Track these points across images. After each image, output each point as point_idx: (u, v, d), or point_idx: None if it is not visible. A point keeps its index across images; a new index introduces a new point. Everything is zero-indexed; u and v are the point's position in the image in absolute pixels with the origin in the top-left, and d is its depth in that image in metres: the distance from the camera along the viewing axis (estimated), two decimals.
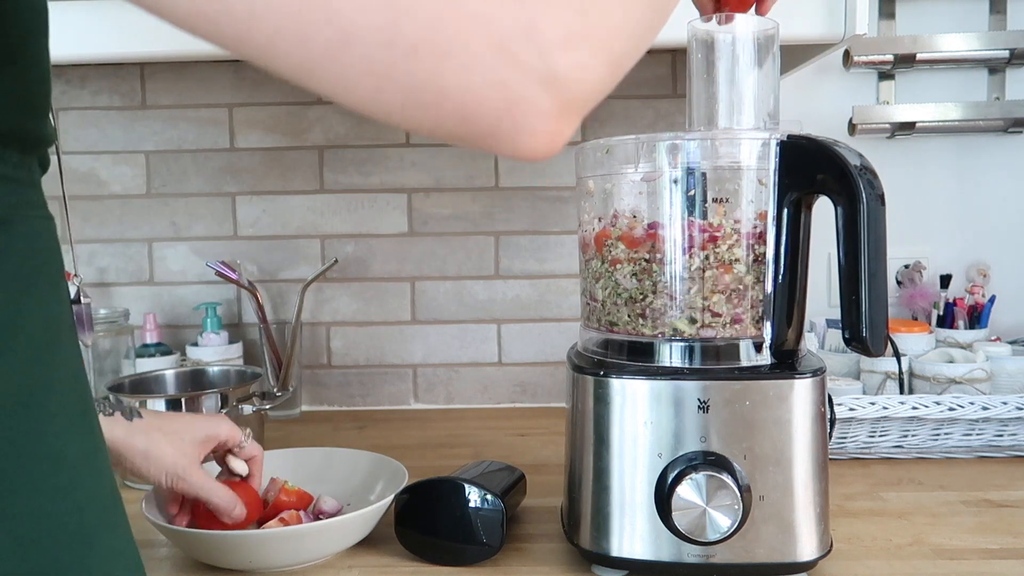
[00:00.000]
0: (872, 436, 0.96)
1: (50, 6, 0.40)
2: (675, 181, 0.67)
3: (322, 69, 0.30)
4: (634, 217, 0.69)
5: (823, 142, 0.63)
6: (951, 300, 1.19)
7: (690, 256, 0.67)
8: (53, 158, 0.44)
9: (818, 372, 0.66)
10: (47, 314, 0.39)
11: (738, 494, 0.62)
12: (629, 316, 0.69)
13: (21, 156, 0.39)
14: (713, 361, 0.67)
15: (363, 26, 0.29)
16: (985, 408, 0.93)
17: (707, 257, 0.67)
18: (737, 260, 0.67)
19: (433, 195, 1.27)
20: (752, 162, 0.67)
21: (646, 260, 0.68)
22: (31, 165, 0.40)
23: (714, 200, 0.67)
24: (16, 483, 0.35)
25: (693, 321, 0.67)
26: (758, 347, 0.67)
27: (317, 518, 0.77)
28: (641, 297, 0.68)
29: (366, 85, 0.30)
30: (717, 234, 0.67)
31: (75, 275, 0.44)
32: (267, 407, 1.01)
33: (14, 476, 0.35)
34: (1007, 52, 1.21)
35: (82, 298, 0.43)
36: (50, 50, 0.41)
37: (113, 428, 0.66)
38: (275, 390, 1.17)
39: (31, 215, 0.39)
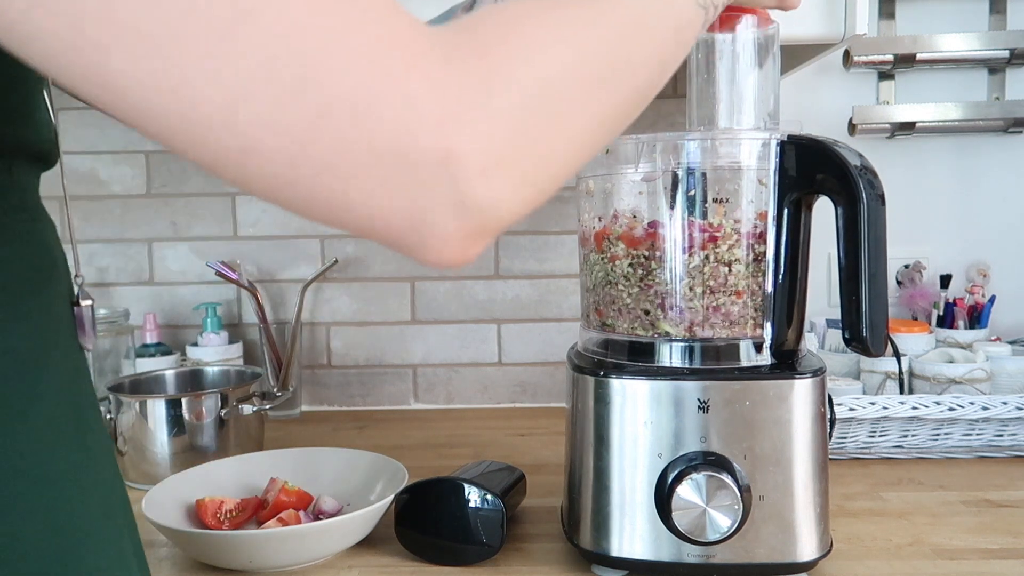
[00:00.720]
0: (872, 436, 0.96)
1: None
2: (675, 181, 0.67)
3: (223, 172, 0.29)
4: (634, 217, 0.69)
5: (823, 142, 0.63)
6: (951, 300, 1.19)
7: (690, 256, 0.67)
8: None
9: (818, 372, 0.66)
10: (36, 321, 0.37)
11: (738, 494, 0.62)
12: (628, 315, 0.69)
13: (13, 162, 0.37)
14: (713, 361, 0.67)
15: (268, 145, 0.28)
16: (985, 408, 0.93)
17: (707, 257, 0.67)
18: (737, 260, 0.67)
19: None
20: (752, 162, 0.67)
21: (645, 257, 0.68)
22: (11, 167, 0.38)
23: (714, 200, 0.67)
24: None
25: (681, 323, 0.67)
26: (758, 347, 0.67)
27: (317, 518, 0.77)
28: (639, 294, 0.68)
29: (271, 189, 0.29)
30: (717, 234, 0.67)
31: (76, 276, 0.43)
32: (267, 407, 1.01)
33: None
34: (1007, 52, 1.21)
35: (82, 301, 0.42)
36: None
37: None
38: (275, 390, 1.18)
39: (13, 219, 0.38)
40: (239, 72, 0.26)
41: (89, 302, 0.42)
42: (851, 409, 0.94)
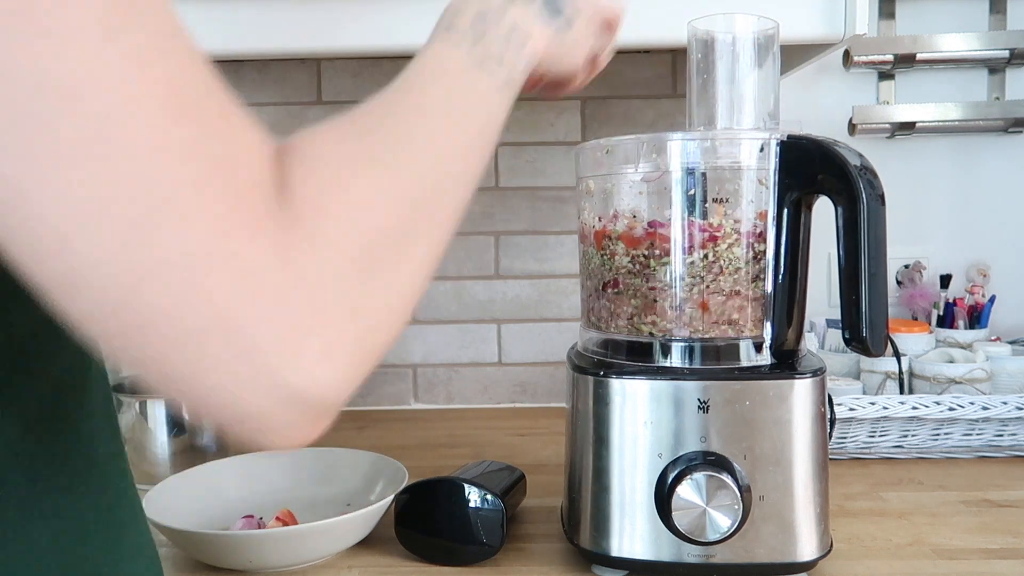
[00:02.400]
0: (872, 436, 0.96)
1: None
2: (675, 181, 0.67)
3: (54, 296, 0.27)
4: (634, 217, 0.69)
5: (823, 142, 0.63)
6: (951, 300, 1.19)
7: (689, 255, 0.67)
8: None
9: (818, 372, 0.66)
10: None
11: (738, 494, 0.62)
12: (627, 314, 0.69)
13: None
14: (713, 361, 0.67)
15: (96, 279, 0.26)
16: (985, 408, 0.93)
17: (706, 255, 0.67)
18: (737, 260, 0.67)
19: None
20: (752, 162, 0.67)
21: (644, 256, 0.68)
22: None
23: (714, 200, 0.67)
24: (53, 483, 0.36)
25: (681, 323, 0.67)
26: (758, 347, 0.67)
27: None
28: (639, 293, 0.68)
29: (94, 327, 0.27)
30: (717, 234, 0.67)
31: None
32: None
33: (52, 476, 0.36)
34: (1007, 52, 1.20)
35: None
36: None
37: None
38: None
39: None
40: (84, 195, 0.25)
41: None
42: (851, 409, 0.93)
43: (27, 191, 0.25)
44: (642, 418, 0.65)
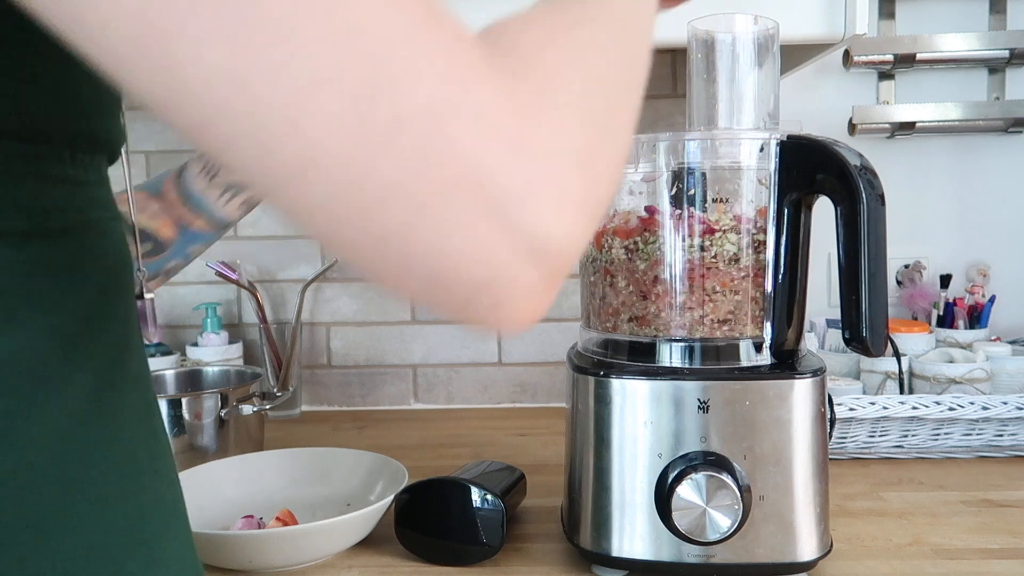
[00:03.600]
0: (872, 436, 0.96)
1: None
2: (675, 181, 0.67)
3: (280, 190, 0.26)
4: (629, 214, 0.69)
5: (823, 142, 0.63)
6: (951, 300, 1.19)
7: (689, 255, 0.67)
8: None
9: (818, 372, 0.66)
10: (123, 318, 0.39)
11: (738, 494, 0.62)
12: (626, 312, 0.69)
13: (91, 157, 0.38)
14: (713, 361, 0.67)
15: (332, 154, 0.25)
16: (985, 408, 0.93)
17: (703, 246, 0.67)
18: (737, 260, 0.67)
19: None
20: (752, 162, 0.67)
21: (636, 242, 0.68)
22: (99, 165, 0.39)
23: (714, 200, 0.67)
24: (85, 492, 0.35)
25: (680, 322, 0.67)
26: (758, 347, 0.67)
27: None
28: (636, 289, 0.68)
29: (325, 221, 0.26)
30: (715, 227, 0.67)
31: (138, 270, 0.44)
32: (267, 407, 1.01)
33: (83, 485, 0.35)
34: (1007, 52, 1.20)
35: (145, 293, 0.42)
36: None
37: None
38: (275, 390, 1.17)
39: (104, 216, 0.39)
40: (305, 67, 0.24)
41: (151, 296, 0.42)
42: (851, 409, 0.93)
43: (243, 78, 0.24)
44: (642, 418, 0.65)
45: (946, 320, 1.19)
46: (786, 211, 0.66)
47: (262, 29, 0.24)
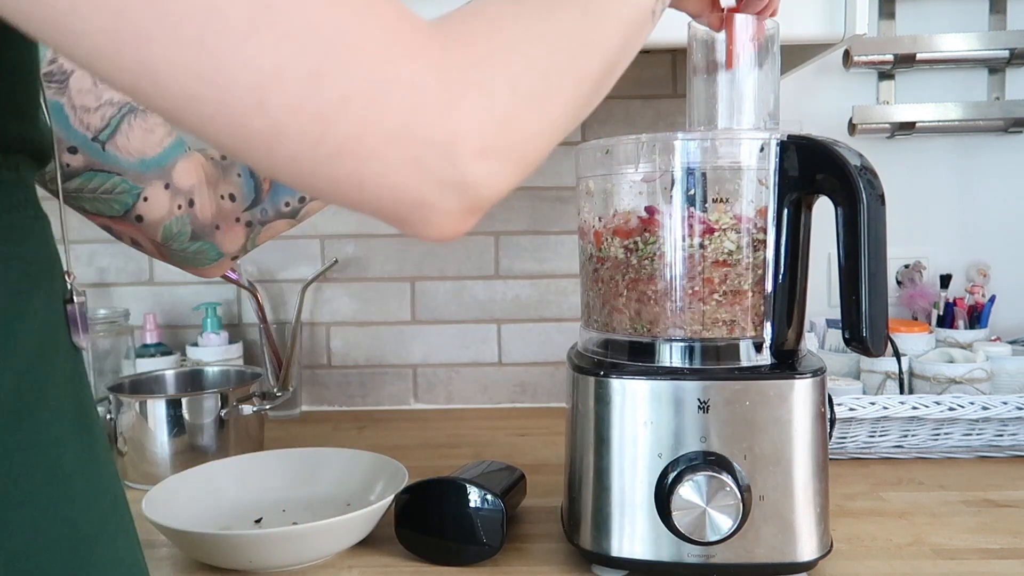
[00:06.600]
0: (872, 436, 0.96)
1: None
2: (675, 181, 0.67)
3: (251, 154, 0.31)
4: (629, 214, 0.69)
5: (823, 142, 0.63)
6: (951, 300, 1.19)
7: (689, 255, 0.67)
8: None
9: (818, 372, 0.66)
10: (41, 318, 0.38)
11: (738, 494, 0.62)
12: (626, 312, 0.69)
13: (4, 156, 0.38)
14: (713, 361, 0.67)
15: (294, 128, 0.30)
16: (985, 408, 0.93)
17: (703, 244, 0.67)
18: (737, 260, 0.67)
19: None
20: (752, 162, 0.67)
21: (635, 242, 0.68)
22: (17, 166, 0.39)
23: (714, 200, 0.67)
24: (8, 497, 0.34)
25: (680, 322, 0.67)
26: (758, 347, 0.67)
27: None
28: (636, 287, 0.68)
29: (291, 172, 0.32)
30: (715, 227, 0.66)
31: (67, 273, 0.43)
32: (267, 407, 1.01)
33: (6, 489, 0.34)
34: (1007, 52, 1.21)
35: (75, 297, 0.42)
36: (39, 53, 0.41)
37: None
38: (275, 390, 1.17)
39: (20, 215, 0.38)
40: (269, 60, 0.29)
41: (82, 299, 0.42)
42: (851, 409, 0.94)
43: (210, 74, 0.29)
44: (642, 418, 0.65)
45: (946, 320, 1.19)
46: (786, 211, 0.66)
47: (224, 32, 0.29)
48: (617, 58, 0.44)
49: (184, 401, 0.94)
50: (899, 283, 1.25)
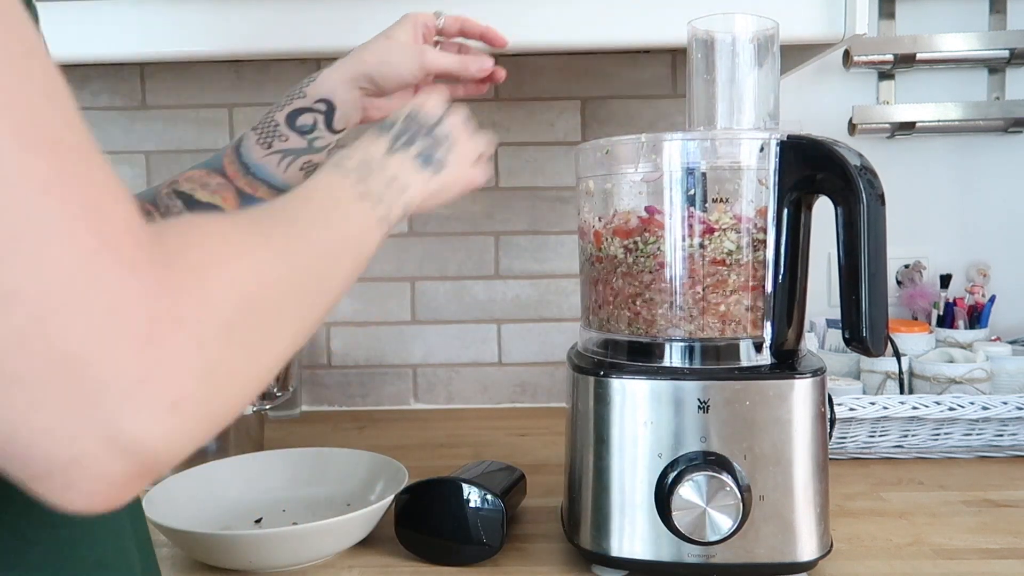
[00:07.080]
0: (872, 436, 0.96)
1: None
2: (675, 181, 0.67)
3: None
4: (629, 214, 0.69)
5: (823, 142, 0.63)
6: (951, 300, 1.19)
7: (689, 254, 0.67)
8: None
9: (818, 372, 0.66)
10: None
11: (738, 494, 0.62)
12: (625, 311, 0.69)
13: None
14: (713, 361, 0.67)
15: None
16: (985, 408, 0.93)
17: (703, 244, 0.67)
18: (737, 260, 0.67)
19: None
20: (752, 162, 0.67)
21: (636, 242, 0.68)
22: None
23: (714, 200, 0.67)
24: None
25: (680, 321, 0.67)
26: (758, 347, 0.67)
27: None
28: (635, 287, 0.68)
29: None
30: (715, 226, 0.67)
31: None
32: (267, 407, 1.01)
33: None
34: (1007, 52, 1.21)
35: None
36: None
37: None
38: (275, 390, 1.17)
39: None
40: None
41: None
42: (851, 409, 0.93)
43: None
44: (642, 418, 0.65)
45: (946, 320, 1.19)
46: (786, 211, 0.66)
47: None
48: (350, 273, 0.42)
49: None
50: (899, 283, 1.25)
